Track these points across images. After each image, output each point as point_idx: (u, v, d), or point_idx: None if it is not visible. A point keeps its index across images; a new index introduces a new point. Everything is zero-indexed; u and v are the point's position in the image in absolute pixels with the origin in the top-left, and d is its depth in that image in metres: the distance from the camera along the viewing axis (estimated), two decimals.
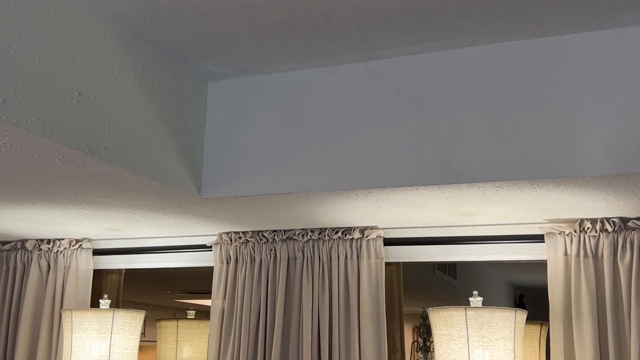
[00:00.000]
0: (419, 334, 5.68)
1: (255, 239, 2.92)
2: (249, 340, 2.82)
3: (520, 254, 2.68)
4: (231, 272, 2.95)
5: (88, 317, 2.71)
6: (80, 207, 2.54)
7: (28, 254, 3.20)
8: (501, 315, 2.31)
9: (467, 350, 2.30)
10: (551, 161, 2.01)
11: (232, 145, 2.38)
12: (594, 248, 2.48)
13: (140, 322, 2.82)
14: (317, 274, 2.81)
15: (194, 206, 2.49)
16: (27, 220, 2.81)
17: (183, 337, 3.33)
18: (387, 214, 2.57)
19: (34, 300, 3.12)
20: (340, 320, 2.73)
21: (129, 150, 2.03)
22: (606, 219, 2.46)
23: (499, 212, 2.47)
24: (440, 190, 2.18)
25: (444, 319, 2.38)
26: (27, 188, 2.28)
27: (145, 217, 2.70)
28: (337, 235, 2.80)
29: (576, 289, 2.47)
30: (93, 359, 2.68)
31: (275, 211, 2.57)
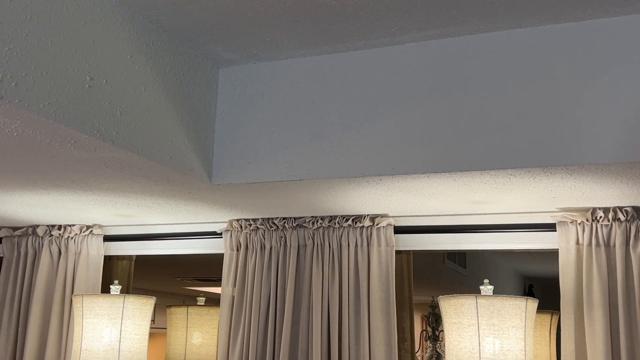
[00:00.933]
0: (428, 323, 5.68)
1: (265, 226, 2.91)
2: (258, 327, 2.82)
3: (531, 243, 2.66)
4: (241, 259, 2.95)
5: (99, 303, 2.72)
6: (91, 192, 2.55)
7: (39, 240, 3.21)
8: (512, 303, 2.31)
9: (477, 338, 2.29)
10: (565, 149, 1.99)
11: (242, 131, 2.37)
12: (606, 237, 2.46)
13: (151, 308, 2.83)
14: (327, 262, 2.80)
15: (204, 192, 2.49)
16: (38, 205, 2.81)
17: (193, 323, 3.34)
18: (398, 202, 2.56)
19: (45, 286, 3.14)
20: (350, 307, 2.73)
21: (140, 135, 2.03)
22: (619, 208, 2.44)
23: (511, 201, 2.46)
24: (452, 177, 2.17)
25: (454, 307, 2.37)
26: (38, 173, 2.29)
27: (156, 203, 2.70)
28: (347, 223, 2.79)
29: (588, 278, 2.46)
30: (104, 344, 2.69)
31: (285, 198, 2.57)
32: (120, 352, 2.69)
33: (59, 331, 3.07)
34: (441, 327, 5.66)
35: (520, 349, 2.28)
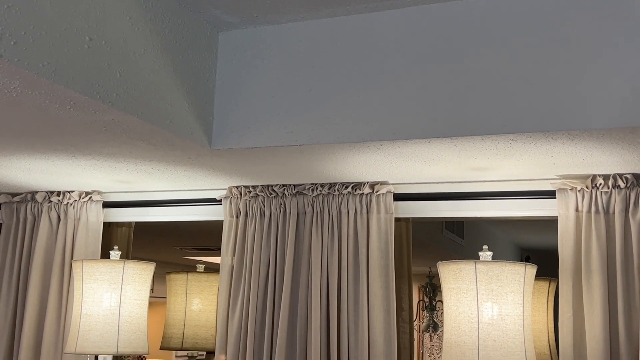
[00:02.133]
0: (425, 293, 5.71)
1: (265, 193, 2.91)
2: (258, 293, 2.84)
3: (530, 210, 2.66)
4: (241, 226, 2.95)
5: (99, 268, 2.73)
6: (90, 157, 2.54)
7: (38, 206, 3.21)
8: (511, 269, 2.32)
9: (476, 303, 2.30)
10: (566, 113, 1.98)
11: (242, 96, 2.36)
12: (606, 204, 2.47)
13: (151, 274, 2.83)
14: (327, 229, 2.81)
15: (204, 158, 2.49)
16: (38, 171, 2.81)
17: (192, 290, 3.35)
18: (398, 169, 2.55)
19: (44, 252, 3.14)
20: (349, 274, 2.75)
21: (140, 98, 2.02)
22: (619, 175, 2.44)
23: (511, 167, 2.46)
24: (452, 143, 2.16)
25: (453, 272, 2.38)
26: (38, 137, 2.28)
27: (156, 169, 2.69)
28: (347, 190, 2.80)
29: (586, 245, 2.47)
30: (104, 309, 2.70)
31: (285, 164, 2.56)
32: (120, 316, 2.70)
33: (59, 296, 3.08)
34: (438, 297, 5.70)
35: (519, 314, 2.29)
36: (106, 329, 2.67)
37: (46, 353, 3.02)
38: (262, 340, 2.80)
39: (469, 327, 2.30)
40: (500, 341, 2.26)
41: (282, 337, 2.75)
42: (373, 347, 2.66)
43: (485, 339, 2.26)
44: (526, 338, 2.28)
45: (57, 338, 3.05)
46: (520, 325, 2.28)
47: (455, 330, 2.34)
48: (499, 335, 2.26)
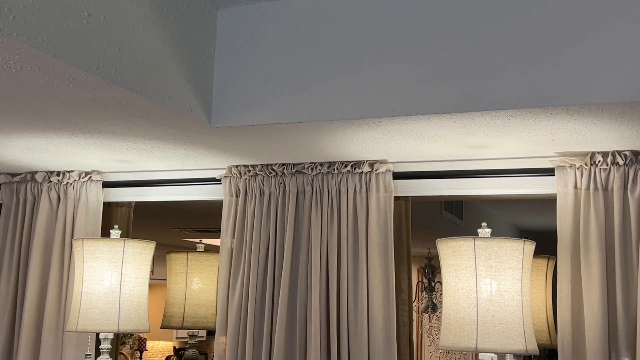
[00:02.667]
0: (424, 274, 5.74)
1: (264, 172, 2.92)
2: (258, 272, 2.85)
3: (529, 188, 2.67)
4: (240, 205, 2.96)
5: (99, 247, 2.74)
6: (90, 135, 2.54)
7: (38, 186, 3.21)
8: (509, 245, 2.33)
9: (474, 279, 2.32)
10: (566, 89, 1.98)
11: (242, 73, 2.36)
12: (604, 181, 2.47)
13: (151, 253, 2.84)
14: (326, 208, 2.82)
15: (203, 136, 2.49)
16: (37, 150, 2.81)
17: (193, 269, 3.37)
18: (397, 147, 2.56)
19: (45, 232, 3.15)
20: (348, 252, 2.76)
21: (139, 74, 2.01)
22: (617, 152, 2.45)
23: (510, 145, 2.46)
24: (452, 119, 2.17)
25: (452, 249, 2.39)
26: (37, 114, 2.28)
27: (155, 147, 2.69)
28: (346, 169, 2.80)
29: (585, 222, 2.48)
30: (104, 288, 2.71)
31: (285, 143, 2.56)
32: (121, 295, 2.71)
33: (60, 275, 3.09)
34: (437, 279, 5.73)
35: (517, 290, 2.31)
36: (107, 307, 2.69)
37: (47, 331, 3.03)
38: (262, 319, 2.82)
39: (467, 303, 2.32)
40: (499, 317, 2.27)
41: (282, 315, 2.76)
42: (372, 325, 2.68)
43: (484, 315, 2.28)
44: (525, 314, 2.29)
45: (58, 317, 3.06)
46: (518, 301, 2.30)
47: (454, 307, 2.35)
48: (497, 311, 2.28)
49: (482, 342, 2.25)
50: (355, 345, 2.68)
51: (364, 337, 2.67)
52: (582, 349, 2.43)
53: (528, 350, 2.26)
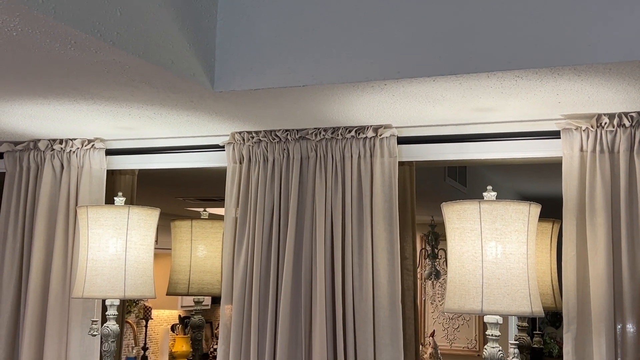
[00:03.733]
0: (428, 241, 5.76)
1: (268, 139, 2.90)
2: (262, 238, 2.85)
3: (535, 151, 2.65)
4: (244, 171, 2.95)
5: (103, 214, 2.74)
6: (92, 102, 2.52)
7: (41, 154, 3.20)
8: (515, 208, 2.32)
9: (480, 242, 2.32)
10: (573, 48, 1.96)
11: (244, 37, 2.33)
12: (611, 143, 2.46)
13: (156, 220, 2.84)
14: (330, 173, 2.81)
15: (206, 101, 2.47)
16: (39, 117, 2.79)
17: (197, 236, 3.37)
18: (402, 110, 2.54)
19: (49, 200, 3.15)
20: (353, 218, 2.75)
21: (141, 37, 1.99)
22: (624, 114, 2.43)
23: (516, 107, 2.44)
24: (457, 81, 2.14)
25: (457, 212, 2.38)
26: (39, 80, 2.26)
27: (158, 113, 2.67)
28: (350, 134, 2.78)
29: (591, 184, 2.47)
30: (110, 255, 2.72)
31: (288, 108, 2.54)
32: (127, 261, 2.72)
33: (64, 243, 3.10)
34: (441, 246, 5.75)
35: (523, 253, 2.31)
36: (112, 273, 2.69)
37: (53, 299, 3.05)
38: (268, 286, 2.82)
39: (473, 266, 2.31)
40: (504, 279, 2.27)
41: (287, 281, 2.77)
42: (377, 289, 2.69)
43: (490, 278, 2.28)
44: (530, 276, 2.29)
45: (64, 284, 3.08)
46: (524, 263, 2.30)
47: (459, 270, 2.35)
48: (502, 274, 2.28)
49: (487, 304, 2.26)
50: (360, 310, 2.69)
51: (368, 301, 2.68)
52: (587, 312, 2.44)
53: (533, 312, 2.26)
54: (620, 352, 2.40)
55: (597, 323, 2.40)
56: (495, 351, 2.33)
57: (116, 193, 2.90)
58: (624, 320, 2.40)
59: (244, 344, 2.83)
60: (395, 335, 2.66)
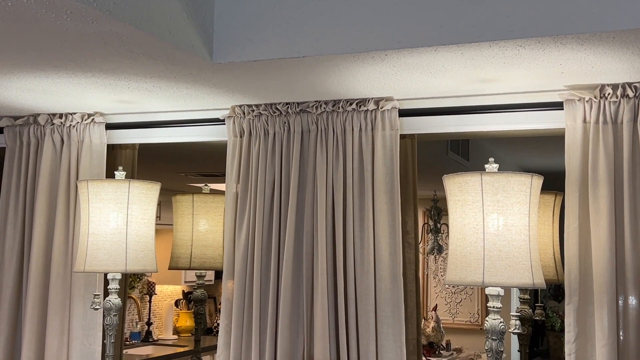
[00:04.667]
0: (430, 216, 5.75)
1: (268, 112, 2.88)
2: (264, 212, 2.84)
3: (537, 123, 2.63)
4: (245, 145, 2.94)
5: (104, 188, 2.73)
6: (90, 74, 2.50)
7: (41, 129, 3.19)
8: (517, 180, 2.30)
9: (481, 214, 2.30)
10: (576, 17, 1.93)
11: (243, 6, 2.30)
12: (614, 114, 2.44)
13: (156, 194, 2.83)
14: (332, 147, 2.79)
15: (206, 73, 2.44)
16: (38, 91, 2.77)
17: (199, 210, 3.36)
18: (403, 82, 2.51)
19: (49, 175, 3.14)
20: (354, 191, 2.74)
21: (138, 7, 1.96)
22: (628, 84, 2.40)
23: (519, 78, 2.41)
24: (459, 51, 2.12)
25: (459, 184, 2.37)
26: (35, 52, 2.24)
27: (157, 86, 2.65)
28: (351, 107, 2.76)
29: (594, 156, 2.45)
30: (111, 229, 2.71)
31: (288, 80, 2.52)
32: (128, 235, 2.71)
33: (66, 218, 3.10)
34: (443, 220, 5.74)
35: (524, 225, 2.29)
36: (114, 247, 2.69)
37: (55, 273, 3.06)
38: (269, 260, 2.82)
39: (474, 238, 2.30)
40: (505, 251, 2.26)
41: (289, 255, 2.77)
42: (379, 262, 2.69)
43: (491, 250, 2.27)
44: (532, 248, 2.28)
45: (65, 258, 3.08)
46: (526, 235, 2.29)
47: (460, 242, 2.34)
48: (504, 246, 2.27)
49: (488, 276, 2.25)
50: (362, 283, 2.69)
51: (370, 274, 2.68)
52: (589, 283, 2.43)
53: (535, 284, 2.25)
54: (622, 323, 2.40)
55: (599, 295, 2.39)
56: (496, 323, 2.33)
57: (117, 168, 2.89)
58: (626, 291, 2.39)
59: (245, 318, 2.83)
60: (396, 307, 2.66)
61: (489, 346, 2.33)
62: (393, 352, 2.65)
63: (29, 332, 3.06)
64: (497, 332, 2.32)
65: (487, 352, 2.35)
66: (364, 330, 2.68)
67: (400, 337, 2.65)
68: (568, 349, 2.44)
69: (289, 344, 2.75)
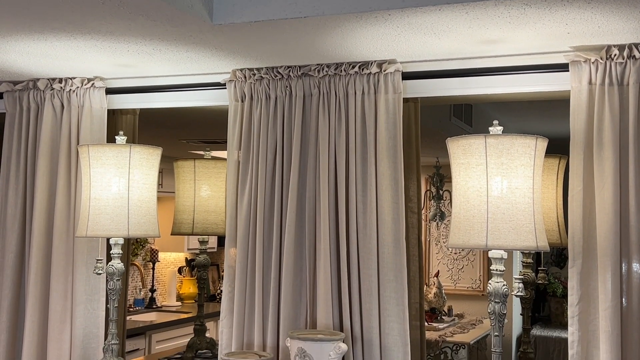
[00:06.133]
0: (432, 183, 5.74)
1: (270, 76, 2.85)
2: (265, 178, 2.83)
3: (542, 85, 2.60)
4: (246, 110, 2.91)
5: (105, 152, 2.71)
6: (89, 37, 2.46)
7: (40, 94, 3.16)
8: (522, 142, 2.28)
9: (485, 177, 2.28)
10: None
11: None
12: (620, 75, 2.40)
13: (158, 158, 2.81)
14: (334, 111, 2.77)
15: (206, 35, 2.41)
16: (37, 55, 2.74)
17: (201, 176, 3.35)
18: (407, 44, 2.48)
19: (50, 140, 3.12)
20: (357, 156, 2.72)
21: None
22: (634, 45, 2.37)
23: (524, 38, 2.37)
24: (464, 10, 2.08)
25: (462, 147, 2.35)
26: (32, 14, 2.20)
27: (157, 49, 2.62)
28: (353, 70, 2.73)
29: (599, 117, 2.42)
30: (112, 193, 2.70)
31: (290, 42, 2.49)
32: (130, 200, 2.70)
33: (67, 183, 3.09)
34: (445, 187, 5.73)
35: (528, 187, 2.28)
36: (116, 212, 2.68)
37: (58, 238, 3.05)
38: (272, 225, 2.81)
39: (478, 201, 2.29)
40: (509, 214, 2.25)
41: (291, 220, 2.76)
42: (382, 226, 2.68)
43: (495, 212, 2.25)
44: (536, 210, 2.27)
45: (68, 223, 3.08)
46: (529, 197, 2.27)
47: (464, 205, 2.33)
48: (508, 209, 2.25)
49: (492, 239, 2.24)
50: (364, 247, 2.69)
51: (373, 238, 2.68)
52: (592, 246, 2.42)
53: (539, 246, 2.24)
54: (625, 287, 2.39)
55: (603, 257, 2.39)
56: (499, 286, 2.33)
57: (117, 133, 2.87)
58: (629, 254, 2.38)
59: (248, 283, 2.84)
60: (399, 271, 2.66)
61: (492, 309, 2.34)
62: (396, 315, 2.65)
63: (33, 297, 3.07)
64: (500, 295, 2.32)
65: (490, 315, 2.35)
66: (367, 294, 2.68)
67: (403, 300, 2.65)
68: (571, 311, 2.44)
69: (292, 309, 2.76)
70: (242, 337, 2.84)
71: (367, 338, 2.67)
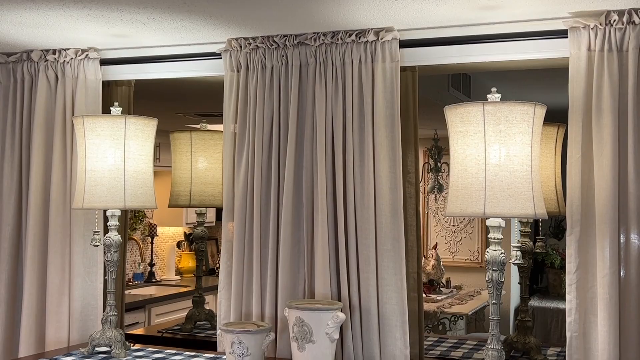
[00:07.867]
0: (430, 155, 5.72)
1: (265, 45, 2.82)
2: (262, 148, 2.81)
3: (541, 52, 2.57)
4: (242, 80, 2.88)
5: (100, 123, 2.69)
6: (82, 5, 2.43)
7: (34, 65, 3.13)
8: (520, 109, 2.25)
9: (483, 145, 2.26)
10: None
11: None
12: (619, 42, 2.38)
13: (154, 129, 2.79)
14: (331, 80, 2.74)
15: (200, 2, 2.37)
16: (29, 25, 2.70)
17: (197, 148, 3.33)
18: (404, 10, 2.44)
19: (45, 112, 3.10)
20: (354, 125, 2.71)
21: None
22: (634, 10, 2.34)
23: (522, 4, 2.34)
24: None
25: (460, 115, 2.33)
26: None
27: (151, 18, 2.58)
28: (350, 39, 2.70)
29: (598, 84, 2.40)
30: (108, 165, 2.68)
31: (285, 9, 2.45)
32: (126, 172, 2.68)
33: (63, 155, 3.07)
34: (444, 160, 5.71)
35: (527, 155, 2.26)
36: (112, 184, 2.67)
37: (54, 210, 3.04)
38: (269, 196, 2.80)
39: (475, 169, 2.27)
40: (507, 182, 2.24)
41: (289, 191, 2.75)
42: (379, 196, 2.67)
43: (493, 180, 2.24)
44: (534, 178, 2.25)
45: (64, 195, 3.06)
46: (528, 165, 2.25)
47: (461, 174, 2.32)
48: (506, 176, 2.24)
49: (490, 207, 2.23)
50: (362, 217, 2.68)
51: (370, 208, 2.67)
52: (591, 213, 2.41)
53: (537, 214, 2.23)
54: (623, 254, 2.39)
55: (601, 225, 2.38)
56: (497, 254, 2.32)
57: (113, 105, 2.84)
58: (628, 222, 2.38)
59: (246, 254, 2.83)
60: (397, 241, 2.66)
61: (490, 277, 2.33)
62: (393, 285, 2.65)
63: (30, 269, 3.06)
64: (497, 263, 2.32)
65: (488, 283, 2.35)
66: (365, 264, 2.68)
67: (401, 270, 2.65)
68: (569, 279, 2.44)
69: (290, 279, 2.76)
70: (241, 307, 2.84)
71: (365, 307, 2.67)
